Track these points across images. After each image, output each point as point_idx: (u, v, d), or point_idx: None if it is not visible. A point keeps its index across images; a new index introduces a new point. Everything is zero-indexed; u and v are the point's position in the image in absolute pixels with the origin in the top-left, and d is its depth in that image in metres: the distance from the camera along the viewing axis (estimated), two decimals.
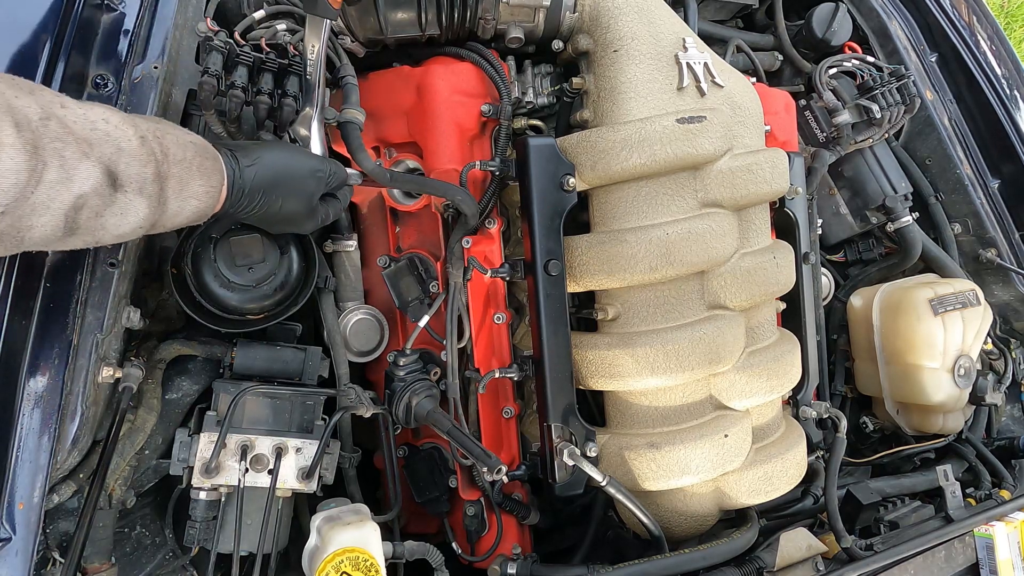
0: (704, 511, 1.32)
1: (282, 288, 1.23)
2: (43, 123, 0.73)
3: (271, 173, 1.01)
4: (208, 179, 0.91)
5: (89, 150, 0.77)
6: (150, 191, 0.83)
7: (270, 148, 1.05)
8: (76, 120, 0.77)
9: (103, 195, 0.78)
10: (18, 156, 0.69)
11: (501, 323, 1.33)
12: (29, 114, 0.72)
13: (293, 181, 1.04)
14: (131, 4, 1.12)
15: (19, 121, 0.70)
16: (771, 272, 1.33)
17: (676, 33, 1.28)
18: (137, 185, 0.82)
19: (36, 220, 0.73)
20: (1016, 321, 1.99)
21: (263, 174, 1.00)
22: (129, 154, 0.81)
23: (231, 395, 1.20)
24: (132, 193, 0.81)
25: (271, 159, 1.02)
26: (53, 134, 0.73)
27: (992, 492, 1.61)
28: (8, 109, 0.70)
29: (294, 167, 1.05)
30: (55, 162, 0.73)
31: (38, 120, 0.72)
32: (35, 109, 0.73)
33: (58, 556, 1.13)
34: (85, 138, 0.77)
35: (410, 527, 1.48)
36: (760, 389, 1.30)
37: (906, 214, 1.85)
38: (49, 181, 0.72)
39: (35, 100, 0.74)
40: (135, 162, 0.82)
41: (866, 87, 1.77)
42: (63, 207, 0.75)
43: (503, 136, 1.32)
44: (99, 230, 0.81)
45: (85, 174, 0.76)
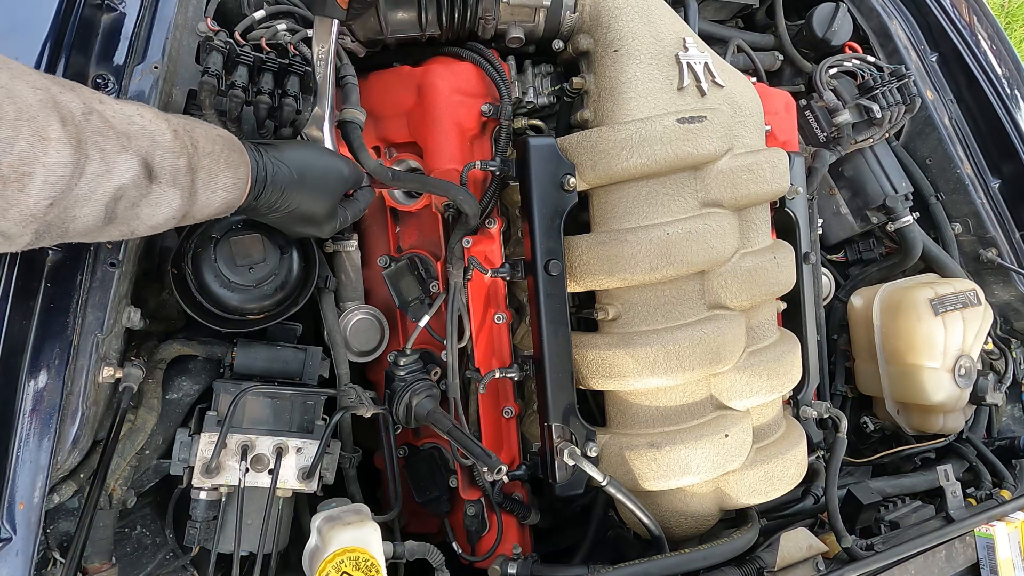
0: (704, 511, 1.32)
1: (282, 288, 1.23)
2: (85, 117, 0.75)
3: (296, 169, 1.02)
4: (235, 171, 0.93)
5: (128, 143, 0.79)
6: (183, 182, 0.86)
7: (294, 146, 1.06)
8: (114, 115, 0.80)
9: (140, 187, 0.81)
10: (64, 150, 0.72)
11: (501, 323, 1.33)
12: (73, 108, 0.74)
13: (317, 179, 1.05)
14: (131, 4, 1.12)
15: (64, 116, 0.73)
16: (771, 272, 1.33)
17: (676, 33, 1.28)
18: (171, 177, 0.84)
19: (79, 211, 0.76)
20: (1017, 321, 1.99)
21: (287, 170, 1.01)
22: (164, 147, 0.84)
23: (231, 395, 1.20)
24: (166, 185, 0.84)
25: (296, 156, 1.03)
26: (94, 128, 0.76)
27: (993, 492, 1.61)
28: (54, 104, 0.72)
29: (318, 166, 1.06)
30: (96, 155, 0.75)
31: (80, 115, 0.75)
32: (78, 104, 0.75)
33: (59, 556, 1.13)
34: (124, 132, 0.80)
35: (410, 527, 1.48)
36: (760, 389, 1.30)
37: (906, 214, 1.85)
38: (91, 173, 0.75)
39: (77, 95, 0.76)
40: (169, 155, 0.84)
41: (866, 87, 1.77)
42: (104, 198, 0.78)
43: (503, 136, 1.32)
44: (134, 220, 0.84)
45: (124, 166, 0.79)
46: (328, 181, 1.07)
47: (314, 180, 1.04)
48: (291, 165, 1.02)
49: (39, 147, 0.70)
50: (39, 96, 0.71)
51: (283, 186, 1.01)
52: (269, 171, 0.99)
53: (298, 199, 1.03)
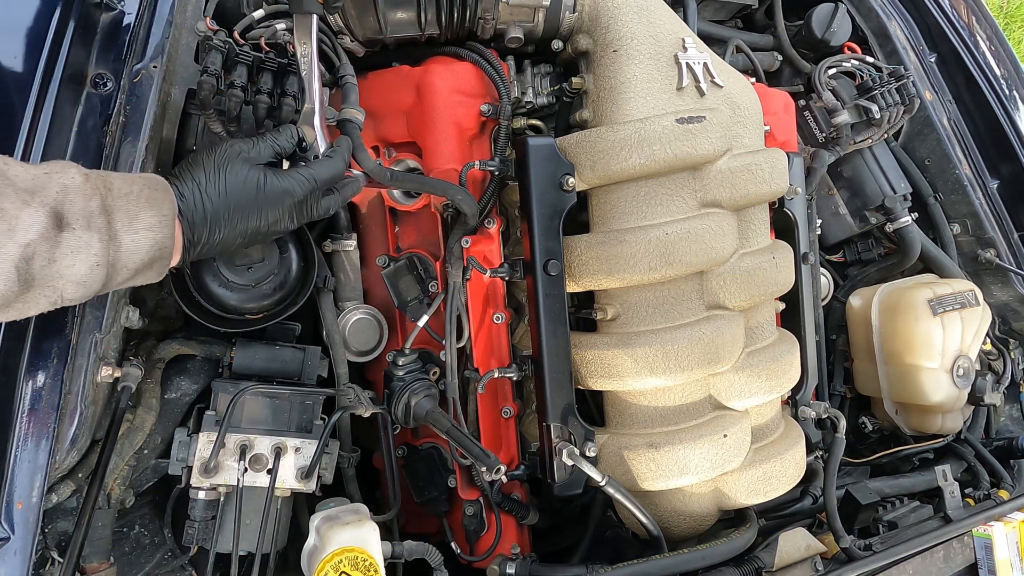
0: (703, 511, 1.32)
1: (281, 288, 1.23)
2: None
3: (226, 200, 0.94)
4: (158, 208, 0.87)
5: (30, 198, 0.75)
6: (98, 224, 0.80)
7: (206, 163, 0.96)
8: (17, 174, 0.76)
9: (50, 238, 0.76)
10: None
11: (500, 323, 1.33)
12: None
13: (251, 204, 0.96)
14: (130, 3, 1.12)
15: None
16: (770, 272, 1.33)
17: (676, 33, 1.28)
18: (84, 220, 0.79)
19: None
20: (1015, 321, 1.99)
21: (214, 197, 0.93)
22: (73, 190, 0.79)
23: (230, 395, 1.20)
24: (80, 229, 0.79)
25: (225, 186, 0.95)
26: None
27: (991, 492, 1.61)
28: None
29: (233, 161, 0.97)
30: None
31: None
32: None
33: (57, 556, 1.13)
34: (26, 187, 0.76)
35: (409, 527, 1.48)
36: (759, 389, 1.30)
37: (905, 214, 1.85)
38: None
39: None
40: (79, 197, 0.80)
41: (865, 87, 1.77)
42: (11, 258, 0.73)
43: (503, 136, 1.32)
44: (56, 278, 0.78)
45: (29, 221, 0.75)
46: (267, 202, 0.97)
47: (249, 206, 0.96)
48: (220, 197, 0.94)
49: None
50: None
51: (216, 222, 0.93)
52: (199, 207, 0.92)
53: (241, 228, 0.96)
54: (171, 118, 1.17)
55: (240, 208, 0.95)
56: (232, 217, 0.95)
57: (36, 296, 0.78)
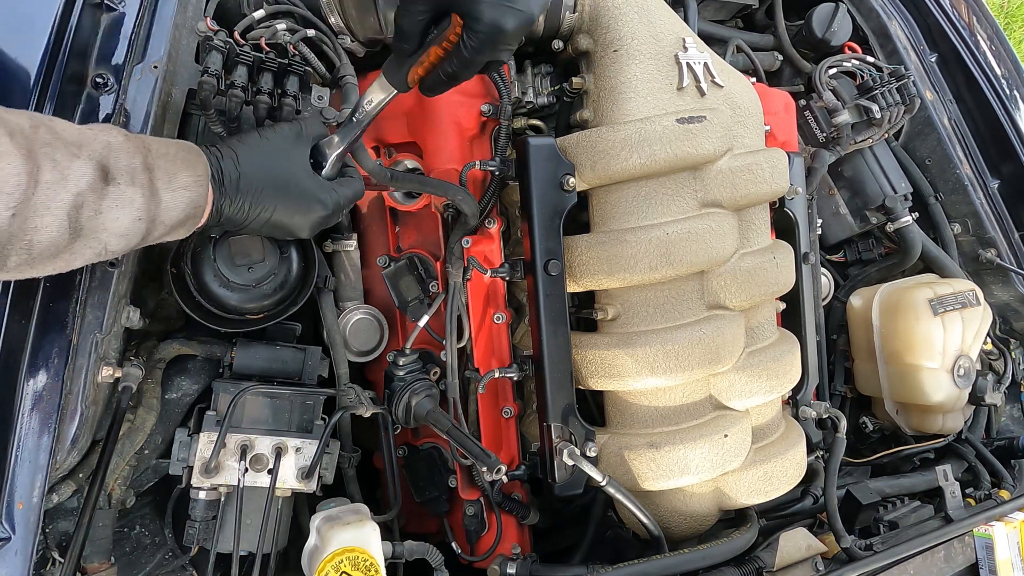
0: (704, 511, 1.32)
1: (282, 288, 1.23)
2: (33, 130, 0.78)
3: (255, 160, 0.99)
4: (193, 169, 0.92)
5: (79, 151, 0.81)
6: (141, 180, 0.86)
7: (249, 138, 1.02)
8: (64, 128, 0.82)
9: (98, 190, 0.82)
10: (15, 160, 0.74)
11: (501, 323, 1.33)
12: (21, 123, 0.77)
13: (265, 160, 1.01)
14: (131, 4, 1.12)
15: (11, 130, 0.75)
16: (771, 272, 1.33)
17: (676, 33, 1.28)
18: (128, 176, 0.85)
19: (40, 220, 0.77)
20: (1016, 321, 1.99)
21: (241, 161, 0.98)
22: (117, 148, 0.85)
23: (231, 395, 1.20)
24: (124, 184, 0.84)
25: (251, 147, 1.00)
26: (43, 139, 0.78)
27: (991, 492, 1.61)
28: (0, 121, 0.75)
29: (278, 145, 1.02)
30: (48, 164, 0.77)
31: (29, 128, 0.77)
32: (24, 119, 0.78)
33: (57, 556, 1.13)
34: (74, 141, 0.81)
35: (410, 527, 1.48)
36: (760, 389, 1.30)
37: (906, 214, 1.85)
38: (46, 182, 0.77)
39: (24, 114, 0.79)
40: (123, 154, 0.85)
41: (866, 87, 1.77)
42: (64, 206, 0.78)
43: (503, 136, 1.32)
44: (101, 231, 0.83)
45: (79, 172, 0.80)
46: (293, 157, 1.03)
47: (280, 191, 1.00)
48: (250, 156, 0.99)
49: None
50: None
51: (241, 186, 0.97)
52: (225, 172, 0.96)
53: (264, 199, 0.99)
54: (171, 118, 1.17)
55: (272, 191, 1.00)
56: (261, 194, 0.99)
57: (82, 247, 0.83)
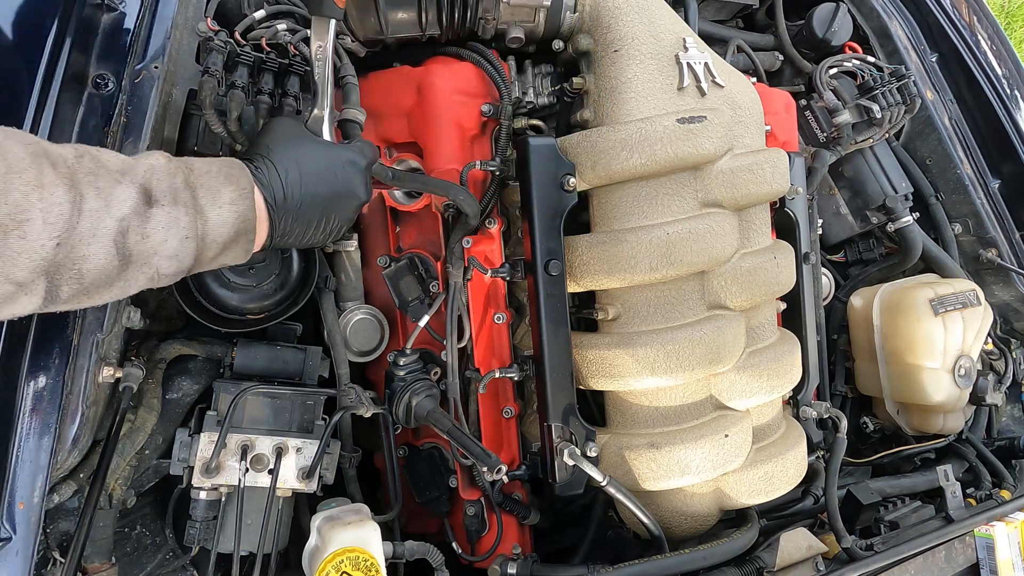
0: (704, 511, 1.32)
1: (282, 288, 1.23)
2: (77, 160, 0.79)
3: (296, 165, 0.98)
4: (237, 183, 0.92)
5: (122, 177, 0.82)
6: (184, 199, 0.86)
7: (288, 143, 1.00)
8: (109, 158, 0.83)
9: (141, 214, 0.82)
10: (59, 191, 0.75)
11: (501, 323, 1.33)
12: (64, 154, 0.79)
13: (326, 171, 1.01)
14: (131, 4, 1.12)
15: (55, 161, 0.77)
16: (771, 272, 1.33)
17: (676, 33, 1.28)
18: (171, 196, 0.85)
19: (87, 249, 0.78)
20: (1016, 321, 1.99)
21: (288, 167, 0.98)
22: (159, 170, 0.86)
23: (231, 395, 1.20)
24: (168, 205, 0.85)
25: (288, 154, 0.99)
26: (87, 168, 0.79)
27: (992, 492, 1.61)
28: (44, 154, 0.76)
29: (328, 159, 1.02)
30: (92, 192, 0.78)
31: (73, 158, 0.79)
32: (69, 150, 0.80)
33: (58, 556, 1.13)
34: (118, 168, 0.82)
35: (410, 527, 1.48)
36: (760, 389, 1.30)
37: (906, 214, 1.85)
38: (90, 210, 0.78)
39: (71, 146, 0.81)
40: (165, 175, 0.86)
41: (866, 87, 1.77)
42: (109, 232, 0.79)
43: (503, 136, 1.32)
44: (151, 255, 0.84)
45: (122, 197, 0.81)
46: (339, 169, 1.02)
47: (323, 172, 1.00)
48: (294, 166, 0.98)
49: (34, 194, 0.73)
50: (29, 150, 0.74)
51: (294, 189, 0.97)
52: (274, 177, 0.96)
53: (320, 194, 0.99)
54: (172, 119, 1.17)
55: (314, 175, 0.99)
56: (307, 182, 0.98)
57: (135, 273, 0.84)
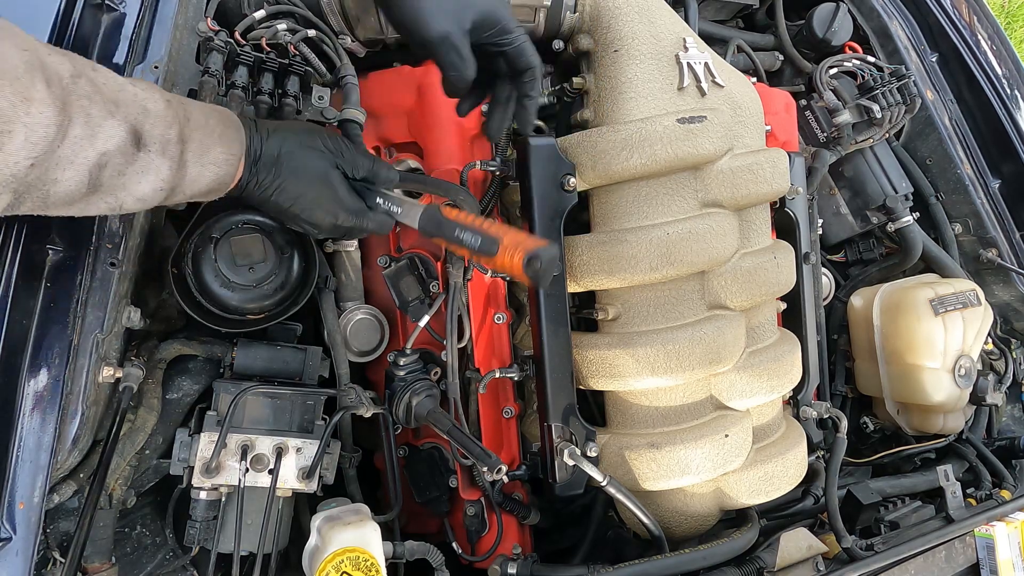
0: (704, 511, 1.32)
1: (282, 288, 1.23)
2: (73, 80, 0.75)
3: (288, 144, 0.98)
4: (228, 146, 0.91)
5: (115, 109, 0.79)
6: (172, 152, 0.84)
7: (296, 127, 1.02)
8: (106, 81, 0.79)
9: (126, 153, 0.80)
10: (47, 111, 0.71)
11: (501, 323, 1.33)
12: (61, 71, 0.74)
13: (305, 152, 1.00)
14: (131, 4, 1.12)
15: (49, 78, 0.73)
16: (772, 272, 1.33)
17: (677, 33, 1.28)
18: (160, 145, 0.83)
19: (61, 174, 0.75)
20: (1017, 321, 1.99)
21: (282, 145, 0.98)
22: (155, 116, 0.83)
23: (231, 395, 1.20)
24: (155, 153, 0.83)
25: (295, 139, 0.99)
26: (81, 92, 0.75)
27: (993, 492, 1.60)
28: (40, 66, 0.72)
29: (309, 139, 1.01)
30: (81, 119, 0.75)
31: (68, 77, 0.75)
32: (67, 67, 0.75)
33: (58, 556, 1.13)
34: (112, 99, 0.79)
35: (410, 527, 1.48)
36: (760, 389, 1.30)
37: (907, 214, 1.85)
38: (74, 136, 0.74)
39: (67, 60, 0.76)
40: (160, 123, 0.83)
41: (867, 87, 1.77)
42: (87, 163, 0.77)
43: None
44: (120, 190, 0.82)
45: (109, 132, 0.78)
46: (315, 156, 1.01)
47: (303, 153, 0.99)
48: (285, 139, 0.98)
49: (21, 107, 0.69)
50: (25, 57, 0.71)
51: (273, 163, 0.96)
52: (264, 150, 0.96)
53: (291, 186, 0.98)
54: None
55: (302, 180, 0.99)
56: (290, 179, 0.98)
57: (98, 200, 0.82)
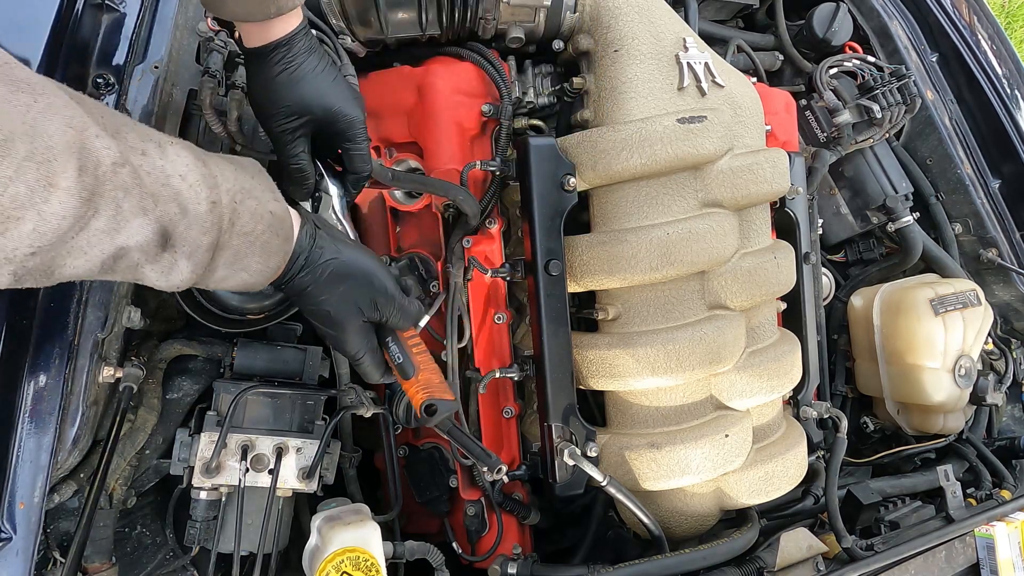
0: (705, 511, 1.32)
1: None
2: (113, 169, 0.67)
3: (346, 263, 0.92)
4: (268, 259, 0.83)
5: (151, 206, 0.71)
6: (200, 258, 0.77)
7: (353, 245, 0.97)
8: (151, 171, 0.72)
9: (148, 252, 0.73)
10: (69, 201, 0.64)
11: (502, 323, 1.33)
12: (101, 157, 0.66)
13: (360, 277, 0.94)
14: (132, 4, 1.12)
15: (85, 164, 0.65)
16: (772, 272, 1.33)
17: (677, 33, 1.28)
18: (188, 250, 0.76)
19: (69, 261, 0.68)
20: (1017, 321, 1.99)
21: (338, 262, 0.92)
22: (192, 218, 0.75)
23: (232, 395, 1.20)
24: (181, 256, 0.76)
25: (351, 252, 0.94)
26: (119, 183, 0.68)
27: (993, 492, 1.61)
28: (80, 149, 0.64)
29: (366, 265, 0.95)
30: (108, 211, 0.67)
31: (109, 165, 0.67)
32: (111, 153, 0.68)
33: (59, 556, 1.13)
34: (152, 192, 0.71)
35: (410, 527, 1.48)
36: (761, 389, 1.30)
37: (907, 214, 1.85)
38: (94, 229, 0.67)
39: (116, 143, 0.68)
40: (195, 227, 0.76)
41: (867, 87, 1.77)
42: (101, 255, 0.69)
43: (504, 136, 1.32)
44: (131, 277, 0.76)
45: (136, 229, 0.71)
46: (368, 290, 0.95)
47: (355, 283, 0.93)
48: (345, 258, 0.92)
49: (40, 193, 0.61)
50: (68, 137, 0.63)
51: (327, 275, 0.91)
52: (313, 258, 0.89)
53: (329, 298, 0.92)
54: (172, 119, 1.17)
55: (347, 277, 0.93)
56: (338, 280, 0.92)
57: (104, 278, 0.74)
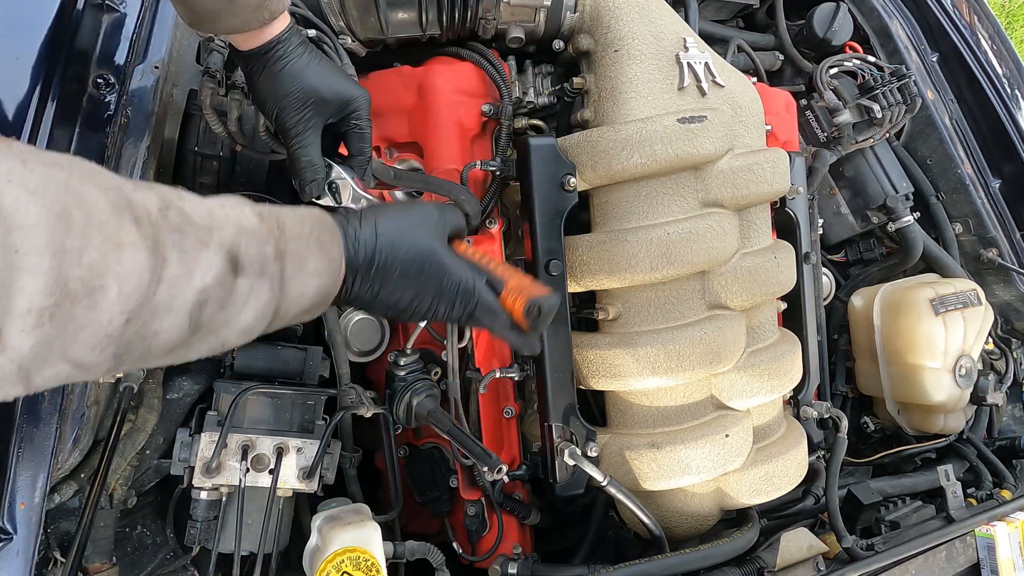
0: (705, 511, 1.32)
1: None
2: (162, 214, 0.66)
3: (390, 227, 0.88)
4: (327, 252, 0.82)
5: (208, 237, 0.69)
6: (271, 271, 0.75)
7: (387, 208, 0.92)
8: (194, 208, 0.70)
9: (225, 284, 0.70)
10: (140, 256, 0.61)
11: None
12: (148, 206, 0.65)
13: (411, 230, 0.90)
14: (132, 4, 1.12)
15: (138, 216, 0.63)
16: (772, 272, 1.33)
17: (677, 33, 1.28)
18: (258, 266, 0.74)
19: (160, 324, 0.65)
20: (1017, 321, 1.98)
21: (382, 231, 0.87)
22: (250, 232, 0.74)
23: (232, 395, 1.20)
24: (254, 276, 0.73)
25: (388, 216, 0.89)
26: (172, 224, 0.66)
27: (993, 492, 1.60)
28: (127, 204, 0.62)
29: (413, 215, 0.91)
30: (175, 255, 0.65)
31: (157, 212, 0.65)
32: (154, 201, 0.66)
33: (59, 556, 1.13)
34: (204, 225, 0.70)
35: (411, 527, 1.48)
36: (761, 389, 1.30)
37: (907, 214, 1.85)
38: (170, 277, 0.65)
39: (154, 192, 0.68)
40: (255, 240, 0.74)
41: (867, 87, 1.77)
42: (187, 304, 0.67)
43: (504, 136, 1.32)
44: (223, 327, 0.73)
45: (207, 264, 0.68)
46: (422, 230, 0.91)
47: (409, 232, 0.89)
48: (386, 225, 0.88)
49: (112, 256, 0.59)
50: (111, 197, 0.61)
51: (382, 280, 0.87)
52: (361, 240, 0.86)
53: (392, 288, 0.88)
54: (172, 119, 1.17)
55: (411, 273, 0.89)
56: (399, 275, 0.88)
57: (198, 343, 0.72)
